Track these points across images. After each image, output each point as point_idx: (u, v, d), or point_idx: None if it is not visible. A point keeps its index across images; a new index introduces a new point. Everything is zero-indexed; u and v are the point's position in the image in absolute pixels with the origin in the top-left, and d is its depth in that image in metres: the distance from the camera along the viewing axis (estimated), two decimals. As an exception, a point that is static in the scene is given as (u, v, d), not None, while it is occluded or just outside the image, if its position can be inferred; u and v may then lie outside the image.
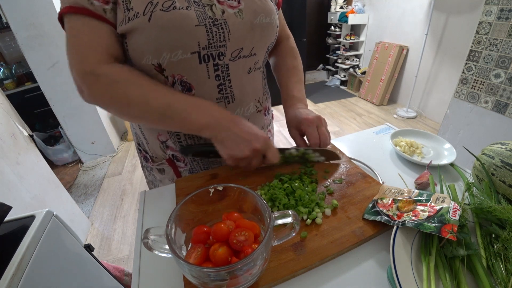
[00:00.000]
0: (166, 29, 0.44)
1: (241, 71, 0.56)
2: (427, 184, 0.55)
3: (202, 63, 0.50)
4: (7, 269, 0.56)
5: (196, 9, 0.46)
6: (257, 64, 0.59)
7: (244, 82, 0.57)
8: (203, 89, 0.53)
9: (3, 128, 1.34)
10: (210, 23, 0.47)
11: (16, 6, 1.91)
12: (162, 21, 0.44)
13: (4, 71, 2.61)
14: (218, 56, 0.51)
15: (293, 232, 0.37)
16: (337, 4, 3.93)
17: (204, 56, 0.49)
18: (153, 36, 0.45)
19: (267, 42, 0.58)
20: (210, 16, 0.47)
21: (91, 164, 2.62)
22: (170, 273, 0.41)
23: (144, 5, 0.43)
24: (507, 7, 1.53)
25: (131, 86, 0.46)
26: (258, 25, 0.53)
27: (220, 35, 0.49)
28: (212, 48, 0.49)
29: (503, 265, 0.37)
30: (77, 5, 0.43)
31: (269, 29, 0.56)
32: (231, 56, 0.52)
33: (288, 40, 0.73)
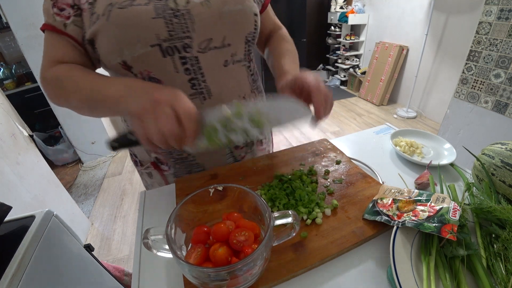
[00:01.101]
0: (123, 26, 0.45)
1: (214, 63, 0.52)
2: (427, 184, 0.55)
3: (166, 57, 0.48)
4: (7, 269, 0.56)
5: (156, 3, 0.46)
6: (235, 56, 0.55)
7: (221, 76, 0.54)
8: (173, 85, 0.50)
9: (3, 128, 1.34)
10: (171, 14, 0.46)
11: (16, 6, 1.91)
12: (119, 18, 0.45)
13: (4, 71, 2.61)
14: (183, 49, 0.49)
15: (293, 232, 0.37)
16: (337, 4, 3.93)
17: (167, 49, 0.48)
18: (112, 34, 0.46)
19: (243, 30, 0.54)
20: (171, 8, 0.46)
21: (91, 164, 2.62)
22: (170, 273, 0.41)
23: (104, 7, 0.45)
24: (507, 7, 1.53)
25: (66, 83, 0.48)
26: (228, 13, 0.51)
27: (182, 26, 0.47)
28: (174, 40, 0.47)
29: (503, 265, 0.37)
30: (46, 23, 0.49)
31: (242, 16, 0.53)
32: (199, 47, 0.50)
33: (280, 30, 0.70)
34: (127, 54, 0.47)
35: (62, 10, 0.47)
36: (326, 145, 0.69)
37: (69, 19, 0.48)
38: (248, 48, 0.58)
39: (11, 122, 1.46)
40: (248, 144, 0.67)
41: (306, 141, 0.62)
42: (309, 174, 0.58)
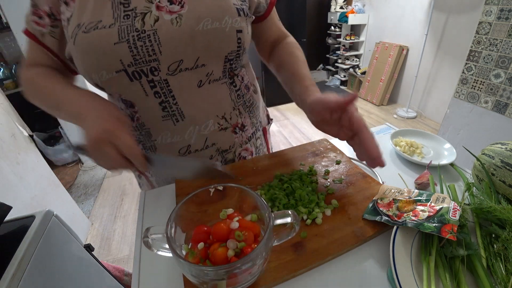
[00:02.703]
0: (86, 52, 0.44)
1: (186, 85, 0.49)
2: (427, 184, 0.55)
3: (133, 81, 0.47)
4: (7, 269, 0.56)
5: (122, 23, 0.43)
6: (212, 76, 0.51)
7: (194, 97, 0.51)
8: (144, 107, 0.51)
9: (3, 128, 1.34)
10: (135, 37, 0.43)
11: (16, 6, 1.91)
12: (82, 44, 0.43)
13: (4, 71, 2.61)
14: (151, 72, 0.46)
15: (293, 232, 0.37)
16: (337, 4, 3.93)
17: (133, 73, 0.46)
18: (79, 58, 0.46)
19: (221, 51, 0.49)
20: (137, 28, 0.43)
21: (91, 164, 2.62)
22: (170, 273, 0.41)
23: (73, 28, 0.44)
24: (507, 7, 1.53)
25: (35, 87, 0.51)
26: (202, 32, 0.46)
27: (148, 49, 0.44)
28: (139, 64, 0.45)
29: (503, 265, 0.37)
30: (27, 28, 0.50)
31: (220, 36, 0.47)
32: (169, 70, 0.47)
33: (288, 37, 0.66)
34: (95, 78, 0.47)
35: (40, 17, 0.47)
36: (326, 145, 0.69)
37: (45, 27, 0.48)
38: (230, 65, 0.53)
39: (11, 122, 1.46)
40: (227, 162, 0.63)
41: (306, 141, 0.62)
42: (309, 174, 0.58)
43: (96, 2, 0.43)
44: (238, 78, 0.58)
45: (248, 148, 0.65)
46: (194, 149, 0.57)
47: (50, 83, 0.49)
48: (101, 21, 0.43)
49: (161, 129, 0.53)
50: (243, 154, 0.65)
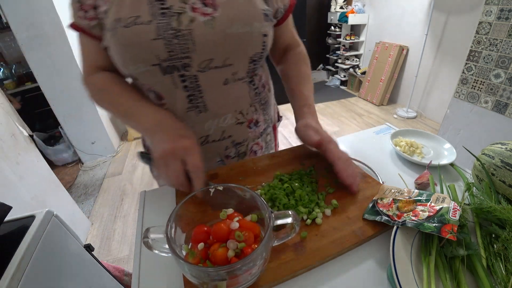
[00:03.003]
0: (125, 46, 0.47)
1: (214, 82, 0.53)
2: (427, 184, 0.55)
3: (166, 75, 0.50)
4: (7, 269, 0.56)
5: (160, 21, 0.46)
6: (236, 75, 0.55)
7: (219, 94, 0.55)
8: (172, 98, 0.54)
9: (3, 128, 1.34)
10: (171, 35, 0.46)
11: (16, 6, 1.91)
12: (122, 38, 0.46)
13: (4, 71, 2.61)
14: (183, 68, 0.50)
15: (293, 233, 0.37)
16: (337, 4, 3.93)
17: (166, 68, 0.49)
18: (117, 51, 0.49)
19: (248, 52, 0.53)
20: (173, 27, 0.46)
21: (91, 164, 2.62)
22: (170, 273, 0.41)
23: (112, 22, 0.47)
24: (507, 7, 1.53)
25: (105, 94, 0.55)
26: (233, 35, 0.49)
27: (182, 47, 0.47)
28: (174, 60, 0.48)
29: (503, 265, 0.37)
30: (75, 23, 0.51)
31: (249, 38, 0.51)
32: (199, 67, 0.50)
33: (299, 47, 0.69)
34: (131, 70, 0.50)
35: (86, 11, 0.49)
36: (326, 145, 0.69)
37: (93, 20, 0.50)
38: (253, 66, 0.57)
39: (11, 122, 1.46)
40: (239, 154, 0.66)
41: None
42: (309, 174, 0.58)
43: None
44: (257, 77, 0.61)
45: (259, 142, 0.69)
46: (212, 139, 0.60)
47: (116, 93, 0.53)
48: (139, 17, 0.45)
49: (184, 119, 0.56)
50: (254, 148, 0.68)
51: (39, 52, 2.08)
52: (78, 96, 2.33)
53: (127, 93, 0.53)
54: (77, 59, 2.22)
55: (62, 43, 2.11)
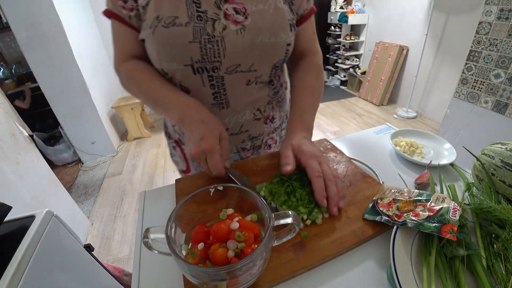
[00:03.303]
0: (164, 44, 0.50)
1: (237, 82, 0.56)
2: (427, 184, 0.55)
3: (196, 74, 0.53)
4: (7, 269, 0.56)
5: (196, 24, 0.48)
6: (260, 78, 0.58)
7: (241, 93, 0.58)
8: (199, 94, 0.57)
9: (3, 128, 1.34)
10: (206, 40, 0.49)
11: (16, 6, 1.91)
12: (162, 36, 0.49)
13: (4, 71, 2.61)
14: (212, 70, 0.53)
15: (293, 233, 0.37)
16: (337, 4, 3.93)
17: (198, 69, 0.52)
18: (154, 48, 0.51)
19: (271, 60, 0.56)
20: (208, 33, 0.49)
21: (91, 164, 2.62)
22: (170, 273, 0.41)
23: (152, 19, 0.49)
24: (507, 7, 1.53)
25: (135, 83, 0.57)
26: (260, 45, 0.52)
27: (214, 52, 0.51)
28: (205, 62, 0.52)
29: (503, 265, 0.37)
30: (112, 11, 0.53)
31: (273, 49, 0.55)
32: (227, 70, 0.54)
33: (314, 56, 0.66)
34: (164, 66, 0.53)
35: (126, 1, 0.51)
36: (326, 145, 0.69)
37: (132, 11, 0.52)
38: (276, 70, 0.60)
39: (11, 122, 1.46)
40: (254, 147, 0.69)
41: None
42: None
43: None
44: (276, 78, 0.65)
45: (273, 137, 0.72)
46: (230, 133, 0.64)
47: (146, 81, 0.55)
48: (177, 18, 0.48)
49: None
50: (269, 142, 0.71)
51: (39, 52, 2.08)
52: (78, 96, 2.33)
53: (156, 82, 0.55)
54: (77, 59, 2.22)
55: (62, 43, 2.11)
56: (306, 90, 0.61)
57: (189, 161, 0.74)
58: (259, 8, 0.51)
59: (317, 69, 0.65)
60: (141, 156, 2.67)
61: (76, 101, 2.34)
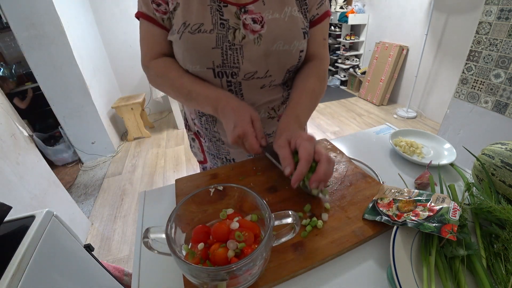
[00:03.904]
0: (190, 49, 0.53)
1: (253, 87, 0.60)
2: (427, 184, 0.55)
3: (216, 78, 0.57)
4: (7, 269, 0.56)
5: (219, 32, 0.52)
6: (274, 82, 0.61)
7: (256, 95, 0.61)
8: None
9: (3, 128, 1.34)
10: (227, 47, 0.53)
11: (16, 6, 1.91)
12: (188, 42, 0.53)
13: (4, 71, 2.61)
14: (231, 75, 0.57)
15: (293, 233, 0.37)
16: (337, 4, 3.93)
17: (218, 73, 0.56)
18: (180, 51, 0.55)
19: (285, 66, 0.59)
20: (229, 40, 0.53)
21: (91, 164, 2.62)
22: (170, 273, 0.41)
23: (179, 25, 0.53)
24: (507, 7, 1.53)
25: (166, 79, 0.58)
26: (274, 52, 0.55)
27: (234, 58, 0.54)
28: (225, 67, 0.55)
29: (503, 265, 0.37)
30: (146, 13, 0.56)
31: (287, 56, 0.57)
32: (244, 76, 0.57)
33: (321, 62, 0.64)
34: (189, 67, 0.57)
35: (159, 5, 0.54)
36: (326, 145, 0.69)
37: (166, 14, 0.55)
38: (289, 75, 0.63)
39: (11, 122, 1.46)
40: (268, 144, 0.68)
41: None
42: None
43: (199, 5, 0.52)
44: (290, 80, 0.67)
45: None
46: None
47: (176, 77, 0.57)
48: (203, 24, 0.52)
49: None
50: None
51: (39, 52, 2.08)
52: (78, 96, 2.33)
53: (187, 78, 0.57)
54: (77, 59, 2.22)
55: (62, 43, 2.11)
56: (306, 92, 0.59)
57: (205, 153, 0.78)
58: (275, 17, 0.54)
59: (321, 74, 0.63)
60: (141, 156, 2.67)
61: (76, 101, 2.34)
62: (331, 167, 0.46)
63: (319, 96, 0.63)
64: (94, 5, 2.83)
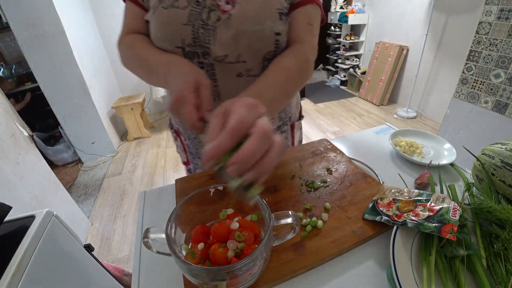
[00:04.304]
0: (161, 24, 0.51)
1: (228, 74, 0.55)
2: (427, 184, 0.55)
3: (187, 58, 0.53)
4: (7, 269, 0.56)
5: (193, 9, 0.50)
6: (251, 71, 0.55)
7: (233, 85, 0.56)
8: None
9: (3, 128, 1.34)
10: (199, 25, 0.50)
11: (16, 6, 1.91)
12: (159, 17, 0.51)
13: (4, 71, 2.61)
14: (203, 55, 0.53)
15: (293, 233, 0.37)
16: (337, 4, 3.93)
17: (188, 53, 0.53)
18: (153, 27, 0.53)
19: (259, 51, 0.53)
20: (203, 19, 0.50)
21: (91, 164, 2.62)
22: (170, 273, 0.41)
23: (155, 1, 0.52)
24: (507, 7, 1.53)
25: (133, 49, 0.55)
26: (244, 34, 0.50)
27: (205, 38, 0.51)
28: (196, 46, 0.52)
29: (503, 265, 0.37)
30: None
31: (259, 38, 0.51)
32: (216, 59, 0.53)
33: (301, 45, 0.55)
34: (161, 46, 0.53)
35: None
36: (326, 145, 0.69)
37: None
38: (268, 63, 0.55)
39: (11, 122, 1.46)
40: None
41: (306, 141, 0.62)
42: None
43: None
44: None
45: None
46: None
47: (146, 49, 0.54)
48: (177, 1, 0.50)
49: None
50: None
51: (39, 52, 2.08)
52: (78, 96, 2.33)
53: (152, 48, 0.54)
54: (77, 59, 2.22)
55: (62, 43, 2.11)
56: (278, 69, 0.49)
57: (187, 152, 0.75)
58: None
59: (301, 55, 0.53)
60: (141, 156, 2.67)
61: (76, 101, 2.34)
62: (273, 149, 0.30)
63: (297, 78, 0.51)
64: (94, 5, 2.82)
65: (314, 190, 0.54)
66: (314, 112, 3.47)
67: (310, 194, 0.53)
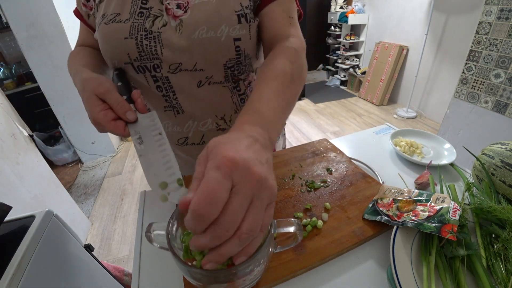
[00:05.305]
0: (104, 41, 0.49)
1: (186, 84, 0.51)
2: (427, 184, 0.55)
3: (139, 73, 0.51)
4: (7, 269, 0.56)
5: (135, 21, 0.47)
6: (212, 79, 0.52)
7: (193, 95, 0.53)
8: (149, 96, 0.55)
9: (3, 128, 1.34)
10: (142, 36, 0.46)
11: (16, 6, 1.91)
12: (102, 34, 0.48)
13: (4, 71, 2.61)
14: (153, 69, 0.49)
15: (295, 242, 0.36)
16: (337, 4, 3.93)
17: (138, 67, 0.50)
18: (100, 45, 0.50)
19: (218, 59, 0.49)
20: (146, 28, 0.46)
21: (91, 164, 2.62)
22: (170, 273, 0.41)
23: (99, 17, 0.49)
24: (507, 7, 1.53)
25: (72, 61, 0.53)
26: (197, 41, 0.46)
27: (151, 49, 0.47)
28: (144, 60, 0.48)
29: (503, 265, 0.37)
30: (77, 8, 0.55)
31: (215, 45, 0.47)
32: (170, 69, 0.49)
33: (286, 41, 0.49)
34: (110, 64, 0.51)
35: (88, 1, 0.52)
36: (326, 145, 0.69)
37: (92, 10, 0.52)
38: (232, 72, 0.52)
39: (11, 122, 1.46)
40: None
41: (306, 141, 0.62)
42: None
43: None
44: (244, 82, 0.57)
45: None
46: (191, 142, 0.61)
47: (80, 56, 0.53)
48: (119, 15, 0.47)
49: (164, 118, 0.58)
50: None
51: (39, 52, 2.08)
52: (78, 96, 2.30)
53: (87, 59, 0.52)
54: (77, 59, 2.22)
55: (62, 43, 2.11)
56: (271, 73, 0.42)
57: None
58: (202, 0, 0.45)
59: (290, 52, 0.46)
60: (141, 156, 2.67)
61: (76, 101, 2.34)
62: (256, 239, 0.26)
63: (296, 80, 0.43)
64: (94, 5, 2.82)
65: (314, 190, 0.54)
66: (314, 112, 3.47)
67: (310, 194, 0.53)
